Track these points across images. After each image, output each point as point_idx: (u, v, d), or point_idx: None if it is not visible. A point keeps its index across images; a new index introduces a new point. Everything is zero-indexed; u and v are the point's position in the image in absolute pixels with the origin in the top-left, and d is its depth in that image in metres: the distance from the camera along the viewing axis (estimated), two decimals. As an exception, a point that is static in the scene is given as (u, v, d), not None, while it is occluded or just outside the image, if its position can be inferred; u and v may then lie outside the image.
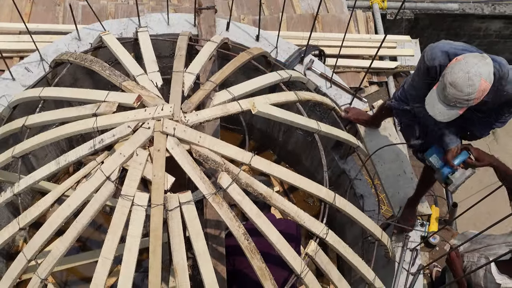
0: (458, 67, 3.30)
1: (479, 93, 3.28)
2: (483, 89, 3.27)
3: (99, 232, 5.93)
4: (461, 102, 3.32)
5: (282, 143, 6.49)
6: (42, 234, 3.52)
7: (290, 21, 6.68)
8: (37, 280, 3.51)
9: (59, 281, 5.69)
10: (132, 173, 3.49)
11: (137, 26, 5.33)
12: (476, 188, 7.64)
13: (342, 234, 5.41)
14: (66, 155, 3.68)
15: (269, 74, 4.54)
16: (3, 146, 4.57)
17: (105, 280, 3.38)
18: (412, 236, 4.65)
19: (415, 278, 4.51)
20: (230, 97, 4.04)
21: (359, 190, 5.40)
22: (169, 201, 3.47)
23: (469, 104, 3.34)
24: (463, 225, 6.31)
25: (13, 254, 5.65)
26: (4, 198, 3.86)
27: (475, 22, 8.42)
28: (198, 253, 3.43)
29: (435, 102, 3.44)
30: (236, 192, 3.53)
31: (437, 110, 3.44)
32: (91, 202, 3.49)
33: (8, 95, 4.89)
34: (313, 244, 3.65)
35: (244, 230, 3.50)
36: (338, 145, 5.49)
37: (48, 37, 5.81)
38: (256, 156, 3.67)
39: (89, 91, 4.08)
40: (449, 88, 3.30)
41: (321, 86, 5.28)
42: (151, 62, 4.32)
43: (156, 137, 3.58)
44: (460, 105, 3.35)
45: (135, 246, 3.38)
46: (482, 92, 3.29)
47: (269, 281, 3.50)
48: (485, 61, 3.31)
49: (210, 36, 5.18)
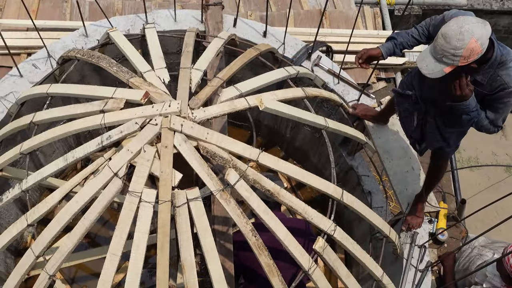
0: (454, 21, 3.30)
1: (466, 52, 3.22)
2: (471, 48, 3.21)
3: (107, 228, 5.94)
4: (447, 56, 3.27)
5: (290, 140, 6.48)
6: (50, 231, 3.53)
7: (297, 17, 6.66)
8: (45, 276, 3.51)
9: (67, 277, 5.70)
10: (139, 170, 3.49)
11: (144, 22, 5.33)
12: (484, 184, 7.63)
13: (350, 230, 5.41)
14: (74, 152, 3.68)
15: (277, 70, 4.53)
16: (11, 143, 4.59)
17: (113, 276, 3.38)
18: (420, 233, 4.64)
19: (423, 275, 4.50)
20: (237, 94, 4.03)
21: (367, 186, 5.39)
22: (177, 198, 3.47)
23: (455, 62, 3.27)
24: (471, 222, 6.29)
25: (22, 250, 5.67)
26: (12, 195, 3.87)
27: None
28: (206, 249, 3.43)
29: (426, 55, 3.41)
30: (243, 189, 3.53)
31: (424, 63, 3.40)
32: (99, 198, 3.49)
33: (16, 91, 4.91)
34: (320, 241, 3.65)
35: (251, 226, 3.50)
36: (346, 142, 5.48)
37: (56, 34, 5.82)
38: (263, 152, 3.66)
39: (97, 87, 4.08)
40: (439, 38, 3.30)
41: (329, 82, 5.27)
42: (158, 58, 4.31)
43: (163, 134, 3.58)
44: (446, 59, 3.29)
45: (143, 242, 3.38)
46: (470, 51, 3.21)
47: (277, 277, 3.49)
48: (483, 25, 3.29)
49: (217, 32, 5.17)
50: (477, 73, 3.54)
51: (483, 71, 3.52)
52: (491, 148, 8.49)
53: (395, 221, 4.79)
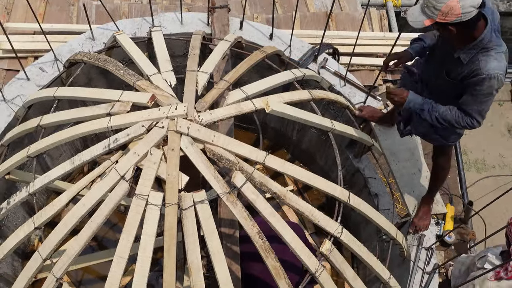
0: None
1: (446, 7, 3.28)
2: (451, 5, 3.27)
3: (113, 231, 5.94)
4: (429, 7, 3.35)
5: (296, 142, 6.48)
6: (57, 233, 3.54)
7: (303, 20, 6.66)
8: (52, 279, 3.52)
9: (74, 280, 5.71)
10: (146, 172, 3.50)
11: (150, 25, 5.34)
12: (492, 186, 7.61)
13: (357, 233, 5.40)
14: (81, 155, 3.69)
15: (283, 72, 4.53)
16: (18, 146, 4.60)
17: (120, 279, 3.39)
18: (427, 235, 4.63)
19: (430, 277, 4.49)
20: (243, 96, 4.04)
21: (374, 188, 5.38)
22: (184, 200, 3.47)
23: (433, 15, 3.36)
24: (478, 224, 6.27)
25: (29, 253, 5.68)
26: (19, 198, 3.89)
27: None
28: (213, 252, 3.44)
29: (415, 7, 3.52)
30: (250, 191, 3.53)
31: (411, 12, 3.51)
32: (106, 201, 3.50)
33: (23, 95, 4.92)
34: (327, 243, 3.64)
35: (258, 229, 3.50)
36: (352, 144, 5.47)
37: (62, 37, 5.83)
38: (270, 155, 3.66)
39: (103, 90, 4.10)
40: None
41: (335, 84, 5.27)
42: (165, 61, 4.32)
43: (170, 136, 3.59)
44: (428, 11, 3.38)
45: (149, 245, 3.38)
46: (449, 8, 3.28)
47: (284, 280, 3.49)
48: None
49: (224, 35, 5.18)
50: (461, 49, 3.56)
51: (466, 50, 3.54)
52: (498, 150, 8.47)
53: (402, 223, 4.78)
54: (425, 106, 3.80)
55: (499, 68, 3.46)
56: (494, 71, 3.44)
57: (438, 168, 4.39)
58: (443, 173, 4.42)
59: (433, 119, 3.79)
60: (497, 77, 3.45)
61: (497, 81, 3.47)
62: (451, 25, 3.37)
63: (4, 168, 4.19)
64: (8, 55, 5.72)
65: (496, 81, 3.46)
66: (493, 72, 3.44)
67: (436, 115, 3.76)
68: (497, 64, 3.46)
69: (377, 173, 5.43)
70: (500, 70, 3.46)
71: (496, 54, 3.48)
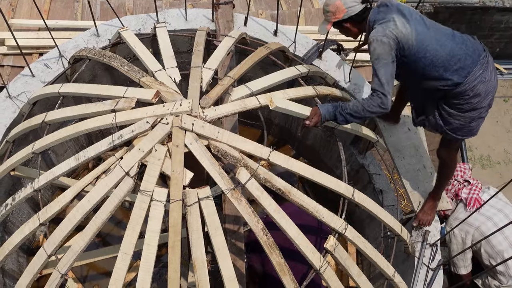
0: None
1: (333, 7, 3.92)
2: (336, 5, 3.90)
3: (118, 227, 5.96)
4: (325, 13, 4.01)
5: (301, 138, 6.48)
6: (62, 229, 3.55)
7: (308, 16, 6.65)
8: (57, 275, 3.53)
9: (79, 276, 5.73)
10: (151, 169, 3.50)
11: (155, 21, 5.34)
12: (497, 182, 7.59)
13: (361, 229, 5.40)
14: (86, 151, 3.70)
15: (288, 69, 4.53)
16: (23, 142, 4.61)
17: (124, 275, 3.40)
18: (432, 231, 4.62)
19: (435, 274, 4.48)
20: (248, 92, 4.04)
21: (378, 185, 5.37)
22: (188, 197, 3.47)
23: (328, 18, 4.00)
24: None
25: (34, 249, 5.70)
26: (24, 194, 3.90)
27: (495, 15, 8.32)
28: (217, 248, 3.44)
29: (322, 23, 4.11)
30: (254, 187, 3.53)
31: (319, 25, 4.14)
32: (111, 197, 3.50)
33: (28, 91, 4.93)
34: (332, 239, 3.64)
35: (262, 225, 3.50)
36: (357, 140, 5.46)
37: (67, 34, 5.84)
38: (274, 151, 3.66)
39: (108, 87, 4.10)
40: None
41: (340, 80, 5.26)
42: (169, 57, 4.32)
43: (174, 133, 3.59)
44: (326, 17, 4.02)
45: (154, 241, 3.39)
46: (335, 8, 3.91)
47: (288, 276, 3.49)
48: None
49: (228, 31, 5.17)
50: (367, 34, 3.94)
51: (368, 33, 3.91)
52: (503, 146, 8.44)
53: (406, 219, 4.77)
54: (336, 112, 3.92)
55: (378, 32, 3.73)
56: (373, 36, 3.73)
57: (443, 163, 4.37)
58: (448, 170, 4.40)
59: (348, 118, 3.90)
60: (375, 39, 3.70)
61: (377, 43, 3.70)
62: (345, 22, 3.98)
63: (9, 165, 4.20)
64: (13, 51, 5.73)
65: (376, 43, 3.70)
66: (372, 36, 3.73)
67: (348, 112, 3.86)
68: (377, 30, 3.75)
69: (382, 170, 5.42)
70: (379, 34, 3.72)
71: (379, 25, 3.78)
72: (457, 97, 3.85)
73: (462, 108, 3.89)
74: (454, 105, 3.91)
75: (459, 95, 3.83)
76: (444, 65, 3.75)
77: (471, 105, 3.86)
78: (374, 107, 3.74)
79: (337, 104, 3.90)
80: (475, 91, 3.80)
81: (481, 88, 3.81)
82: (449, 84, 3.79)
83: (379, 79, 3.69)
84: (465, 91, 3.79)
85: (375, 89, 3.72)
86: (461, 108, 3.89)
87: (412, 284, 4.37)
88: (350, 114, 3.82)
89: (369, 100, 3.75)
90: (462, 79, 3.76)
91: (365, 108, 3.76)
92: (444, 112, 3.99)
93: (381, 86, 3.69)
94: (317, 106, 3.97)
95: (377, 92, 3.71)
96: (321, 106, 3.95)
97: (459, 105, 3.88)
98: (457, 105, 3.89)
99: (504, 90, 8.99)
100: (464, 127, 4.02)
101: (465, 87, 3.77)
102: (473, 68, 3.77)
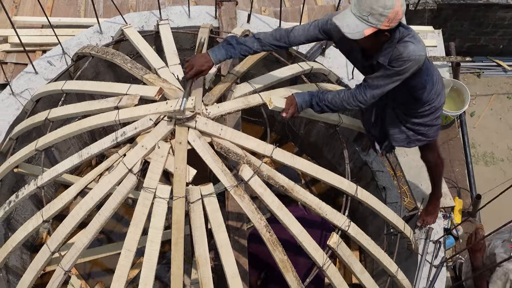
0: None
1: (393, 13, 3.16)
2: (397, 11, 3.17)
3: (121, 224, 5.97)
4: (374, 15, 3.18)
5: (304, 135, 6.48)
6: (66, 226, 3.55)
7: (311, 13, 6.64)
8: (60, 272, 3.54)
9: (83, 273, 5.74)
10: (154, 166, 3.50)
11: (158, 19, 5.34)
12: (500, 180, 7.58)
13: (364, 226, 5.40)
14: (89, 148, 3.70)
15: (290, 66, 4.53)
16: (27, 139, 4.62)
17: (128, 272, 3.41)
18: (435, 228, 4.62)
19: (438, 271, 4.48)
20: (251, 89, 4.04)
21: (381, 182, 5.37)
22: (191, 194, 3.48)
23: (379, 24, 3.21)
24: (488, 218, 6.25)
25: (37, 246, 5.71)
26: (28, 191, 3.90)
27: (499, 11, 8.29)
28: (220, 245, 3.44)
29: (347, 15, 3.29)
30: (257, 185, 3.53)
31: (345, 22, 3.29)
32: (114, 194, 3.51)
33: (31, 88, 4.94)
34: (335, 236, 3.64)
35: (265, 222, 3.50)
36: (360, 137, 5.46)
37: (70, 31, 5.84)
38: (277, 148, 3.66)
39: (111, 84, 4.10)
40: None
41: (343, 77, 5.25)
42: (172, 54, 4.32)
43: (177, 130, 3.59)
44: (372, 19, 3.20)
45: (157, 238, 3.39)
46: (395, 14, 3.17)
47: (291, 273, 3.50)
48: None
49: (231, 28, 5.17)
50: (380, 52, 3.47)
51: (384, 52, 3.45)
52: (506, 143, 8.43)
53: (409, 216, 4.77)
54: (313, 102, 3.75)
55: (418, 50, 3.38)
56: (414, 54, 3.36)
57: (431, 166, 4.35)
58: (438, 169, 4.37)
59: (324, 109, 3.75)
60: (416, 59, 3.39)
61: (415, 62, 3.40)
62: (387, 32, 3.30)
63: (13, 162, 4.21)
64: (16, 48, 5.73)
65: (414, 62, 3.40)
66: (414, 54, 3.37)
67: (326, 103, 3.72)
68: (415, 47, 3.38)
69: (385, 167, 5.41)
70: (419, 51, 3.39)
71: (410, 38, 3.40)
72: (423, 106, 3.85)
73: (425, 114, 3.90)
74: (419, 114, 3.90)
75: (426, 103, 3.83)
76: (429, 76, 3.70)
77: (435, 108, 3.89)
78: (355, 103, 3.65)
79: (314, 93, 3.76)
80: (437, 92, 3.83)
81: (440, 87, 3.85)
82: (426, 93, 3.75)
83: (383, 90, 3.55)
84: (431, 97, 3.81)
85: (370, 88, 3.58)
86: (425, 114, 3.90)
87: (415, 281, 4.38)
88: (327, 106, 3.72)
89: (354, 97, 3.63)
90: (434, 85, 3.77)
91: (347, 103, 3.65)
92: (410, 124, 3.99)
93: (377, 94, 3.58)
94: (293, 95, 3.82)
95: (368, 92, 3.59)
96: (297, 95, 3.80)
97: (424, 112, 3.88)
98: (421, 113, 3.89)
99: (508, 87, 8.97)
100: (433, 126, 4.04)
101: (434, 89, 3.79)
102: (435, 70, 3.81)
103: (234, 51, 3.77)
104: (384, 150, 4.31)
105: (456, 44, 8.19)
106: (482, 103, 8.69)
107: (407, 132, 4.03)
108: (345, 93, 3.68)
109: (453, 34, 8.47)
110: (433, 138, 4.11)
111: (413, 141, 4.10)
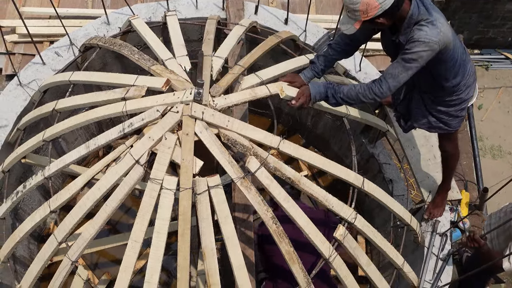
0: None
1: (362, 6, 3.35)
2: (366, 2, 3.33)
3: (128, 215, 5.98)
4: (352, 12, 3.42)
5: (311, 127, 6.47)
6: (73, 217, 3.57)
7: (319, 4, 6.63)
8: (67, 262, 3.56)
9: (89, 263, 5.76)
10: (161, 157, 3.51)
11: (165, 10, 5.33)
12: (508, 173, 7.56)
13: (371, 218, 5.40)
14: (96, 139, 3.71)
15: (298, 57, 4.52)
16: (34, 130, 4.63)
17: (134, 262, 3.42)
18: (441, 221, 4.61)
19: (444, 263, 4.48)
20: (258, 81, 4.03)
21: (388, 174, 5.36)
22: (198, 185, 3.48)
23: (357, 17, 3.42)
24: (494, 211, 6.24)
25: (44, 237, 5.74)
26: (35, 181, 3.92)
27: (508, 4, 8.25)
28: (226, 236, 3.45)
29: (343, 15, 3.58)
30: (264, 176, 3.53)
31: (342, 21, 3.59)
32: (121, 185, 3.51)
33: (39, 79, 4.94)
34: (341, 229, 3.65)
35: (272, 214, 3.50)
36: (367, 129, 5.45)
37: (78, 22, 5.85)
38: (284, 140, 3.66)
39: (118, 75, 4.10)
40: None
41: (350, 69, 5.24)
42: (180, 46, 4.32)
43: (184, 121, 3.59)
44: (351, 15, 3.45)
45: (164, 229, 3.40)
46: (366, 5, 3.34)
47: (297, 265, 3.50)
48: None
49: (239, 19, 5.16)
50: (399, 32, 3.57)
51: (404, 32, 3.54)
52: (514, 136, 8.41)
53: (416, 209, 4.76)
54: (328, 94, 3.80)
55: (432, 35, 3.41)
56: (426, 37, 3.40)
57: (448, 156, 4.35)
58: (453, 160, 4.38)
59: (339, 101, 3.79)
60: (428, 42, 3.40)
61: (427, 46, 3.41)
62: (377, 18, 3.43)
63: (20, 152, 4.23)
64: (24, 39, 5.75)
65: (426, 46, 3.41)
66: (425, 38, 3.40)
67: (341, 96, 3.74)
68: (430, 32, 3.41)
69: (392, 159, 5.41)
70: (433, 37, 3.41)
71: (427, 23, 3.44)
72: (451, 95, 3.85)
73: (451, 104, 3.89)
74: (445, 103, 3.91)
75: (453, 93, 3.83)
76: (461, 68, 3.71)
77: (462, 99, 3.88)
78: (372, 98, 3.68)
79: (329, 85, 3.80)
80: (467, 85, 3.81)
81: (471, 81, 3.84)
82: (454, 84, 3.76)
83: (399, 80, 3.56)
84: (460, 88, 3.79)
85: (387, 80, 3.58)
86: (451, 104, 3.88)
87: (421, 274, 4.37)
88: (343, 99, 3.74)
89: (370, 90, 3.64)
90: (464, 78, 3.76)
91: (363, 96, 3.67)
92: (434, 111, 3.99)
93: (394, 81, 3.57)
94: (307, 86, 3.87)
95: (386, 84, 3.59)
96: (312, 85, 3.84)
97: (451, 102, 3.87)
98: (447, 102, 3.89)
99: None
100: (457, 118, 4.03)
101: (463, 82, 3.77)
102: (469, 63, 3.79)
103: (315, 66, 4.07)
104: (407, 128, 4.32)
105: (464, 36, 8.15)
106: (490, 96, 8.65)
107: (429, 118, 4.04)
108: (361, 86, 3.70)
109: (462, 27, 8.44)
110: (454, 128, 4.10)
111: (434, 127, 4.10)
